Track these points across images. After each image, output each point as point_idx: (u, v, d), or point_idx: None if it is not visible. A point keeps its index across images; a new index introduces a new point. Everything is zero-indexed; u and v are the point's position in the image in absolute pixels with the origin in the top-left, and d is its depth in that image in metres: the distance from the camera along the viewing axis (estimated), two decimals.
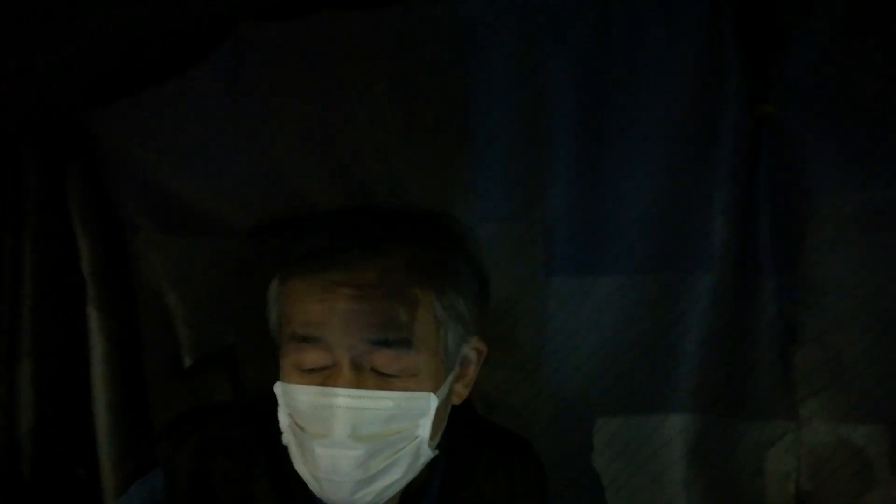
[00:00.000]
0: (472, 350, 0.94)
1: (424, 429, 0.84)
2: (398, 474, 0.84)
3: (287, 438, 0.87)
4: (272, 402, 0.93)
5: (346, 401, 0.80)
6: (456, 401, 0.93)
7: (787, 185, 1.06)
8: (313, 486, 0.84)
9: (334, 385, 0.81)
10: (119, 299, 1.14)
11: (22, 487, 1.12)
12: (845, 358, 1.07)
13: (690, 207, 1.07)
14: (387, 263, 0.85)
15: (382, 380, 0.83)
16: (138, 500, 0.89)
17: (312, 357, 0.84)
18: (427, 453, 0.86)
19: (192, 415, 0.97)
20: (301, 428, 0.83)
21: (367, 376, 0.82)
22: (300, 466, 0.85)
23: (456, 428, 0.92)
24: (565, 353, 1.10)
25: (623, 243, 1.08)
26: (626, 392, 1.11)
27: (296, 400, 0.83)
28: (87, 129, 1.09)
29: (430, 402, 0.84)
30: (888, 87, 1.01)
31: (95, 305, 1.12)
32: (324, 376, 0.83)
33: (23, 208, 1.10)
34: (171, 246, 1.12)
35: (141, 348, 1.16)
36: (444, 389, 0.87)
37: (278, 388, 0.86)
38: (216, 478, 0.88)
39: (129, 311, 1.15)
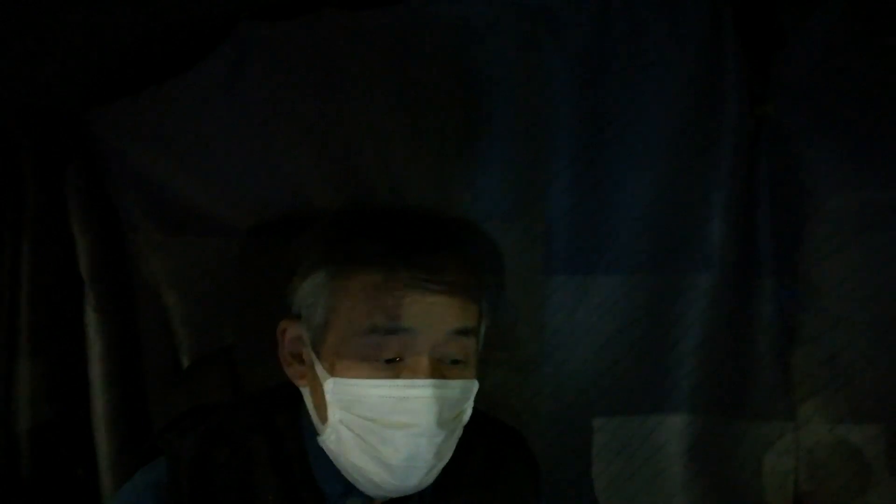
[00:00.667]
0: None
1: (468, 412, 0.90)
2: (449, 455, 0.89)
3: (334, 437, 0.87)
4: (275, 396, 0.95)
5: (432, 391, 0.83)
6: None
7: (786, 185, 1.06)
8: (379, 477, 0.85)
9: (412, 376, 0.85)
10: (118, 299, 1.14)
11: (21, 487, 1.12)
12: (844, 358, 1.07)
13: (690, 207, 1.07)
14: (453, 261, 0.91)
15: (447, 368, 0.88)
16: (142, 487, 0.89)
17: (395, 348, 0.86)
18: (460, 434, 0.91)
19: (194, 411, 0.98)
20: (372, 420, 0.84)
21: (436, 366, 0.87)
22: (360, 459, 0.86)
23: None
24: (565, 352, 1.11)
25: (623, 243, 1.08)
26: (625, 392, 1.11)
27: (368, 394, 0.85)
28: (87, 129, 1.09)
29: (474, 388, 0.90)
30: (888, 87, 1.01)
31: (94, 306, 1.12)
32: (397, 368, 0.86)
33: (22, 208, 1.09)
34: (171, 246, 1.12)
35: (140, 348, 1.16)
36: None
37: (332, 383, 0.86)
38: (217, 465, 0.89)
39: (128, 312, 1.15)
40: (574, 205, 1.08)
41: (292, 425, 0.91)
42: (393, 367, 0.86)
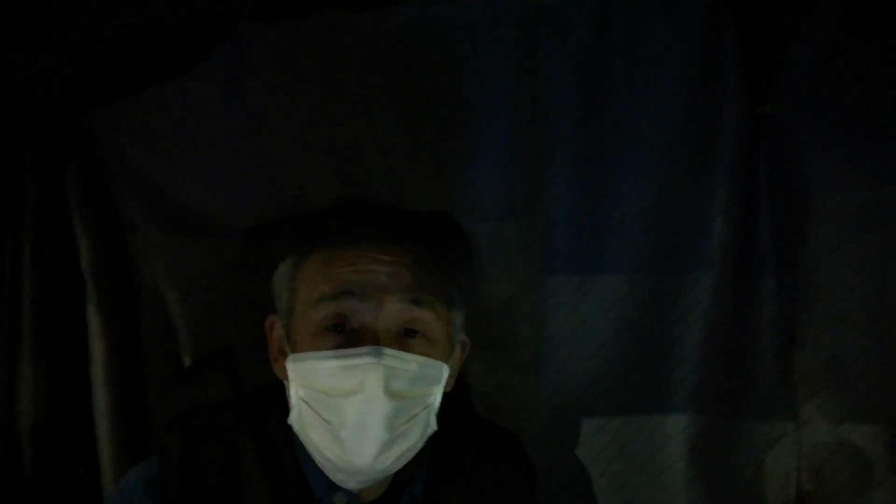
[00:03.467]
0: (460, 342, 0.99)
1: (436, 398, 0.89)
2: (413, 439, 0.88)
3: (297, 415, 0.88)
4: (266, 395, 0.96)
5: (379, 358, 0.83)
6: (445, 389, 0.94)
7: (787, 185, 1.06)
8: (333, 453, 0.85)
9: (360, 343, 0.85)
10: (119, 299, 1.14)
11: (22, 487, 1.12)
12: (845, 358, 1.07)
13: (690, 207, 1.06)
14: (413, 245, 0.92)
15: (404, 343, 0.88)
16: (133, 483, 0.90)
17: (344, 314, 0.87)
18: (433, 426, 0.90)
19: (193, 411, 0.99)
20: (325, 392, 0.85)
21: (392, 338, 0.87)
22: (317, 434, 0.86)
23: (443, 420, 0.92)
24: (565, 353, 1.10)
25: (623, 243, 1.08)
26: (625, 392, 1.11)
27: (319, 366, 0.85)
28: (87, 129, 1.09)
29: (442, 371, 0.90)
30: (888, 87, 1.01)
31: (95, 305, 1.12)
32: (350, 339, 0.86)
33: (23, 208, 1.10)
34: (171, 246, 1.12)
35: (141, 348, 1.16)
36: (448, 365, 0.92)
37: (291, 360, 0.88)
38: (206, 462, 0.90)
39: (129, 311, 1.16)
40: (574, 205, 1.07)
41: (282, 423, 0.91)
42: (345, 337, 0.87)
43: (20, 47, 0.91)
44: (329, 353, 0.85)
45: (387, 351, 0.83)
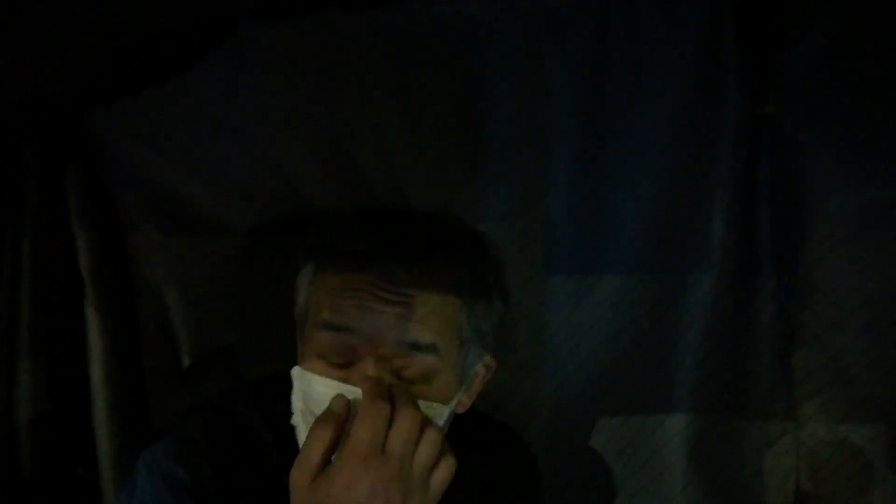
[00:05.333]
0: (483, 366, 0.93)
1: None
2: None
3: (297, 420, 0.86)
4: (277, 385, 0.93)
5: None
6: (460, 410, 0.92)
7: (787, 185, 1.06)
8: None
9: (354, 381, 0.81)
10: (118, 299, 1.14)
11: (22, 486, 1.12)
12: (844, 358, 1.07)
13: (690, 207, 1.07)
14: (425, 277, 0.85)
15: (400, 384, 0.82)
16: (161, 454, 0.88)
17: (338, 347, 0.84)
18: None
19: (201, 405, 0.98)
20: (315, 415, 0.82)
21: (387, 377, 0.82)
22: None
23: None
24: (565, 352, 1.10)
25: (623, 243, 1.08)
26: (625, 392, 1.11)
27: (313, 389, 0.83)
28: (87, 129, 1.09)
29: (442, 412, 0.84)
30: (888, 87, 1.01)
31: (94, 305, 1.12)
32: (346, 372, 0.83)
33: (23, 208, 1.10)
34: (171, 246, 1.12)
35: (140, 348, 1.16)
36: (453, 402, 0.87)
37: (296, 371, 0.86)
38: (226, 443, 0.89)
39: (128, 311, 1.16)
40: (574, 205, 1.08)
41: (289, 406, 0.88)
42: (341, 370, 0.83)
43: (20, 47, 0.91)
44: (324, 380, 0.82)
45: None
